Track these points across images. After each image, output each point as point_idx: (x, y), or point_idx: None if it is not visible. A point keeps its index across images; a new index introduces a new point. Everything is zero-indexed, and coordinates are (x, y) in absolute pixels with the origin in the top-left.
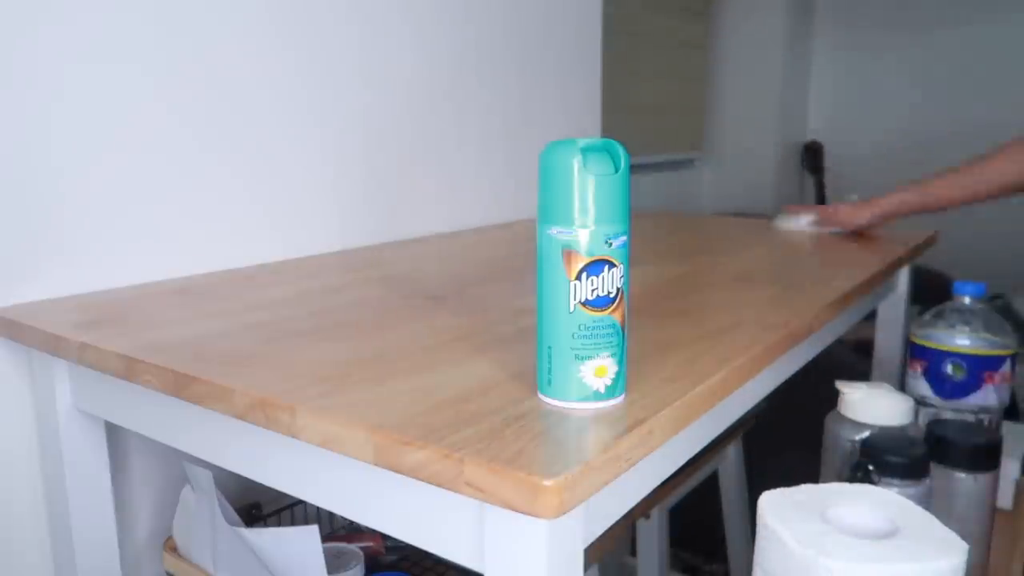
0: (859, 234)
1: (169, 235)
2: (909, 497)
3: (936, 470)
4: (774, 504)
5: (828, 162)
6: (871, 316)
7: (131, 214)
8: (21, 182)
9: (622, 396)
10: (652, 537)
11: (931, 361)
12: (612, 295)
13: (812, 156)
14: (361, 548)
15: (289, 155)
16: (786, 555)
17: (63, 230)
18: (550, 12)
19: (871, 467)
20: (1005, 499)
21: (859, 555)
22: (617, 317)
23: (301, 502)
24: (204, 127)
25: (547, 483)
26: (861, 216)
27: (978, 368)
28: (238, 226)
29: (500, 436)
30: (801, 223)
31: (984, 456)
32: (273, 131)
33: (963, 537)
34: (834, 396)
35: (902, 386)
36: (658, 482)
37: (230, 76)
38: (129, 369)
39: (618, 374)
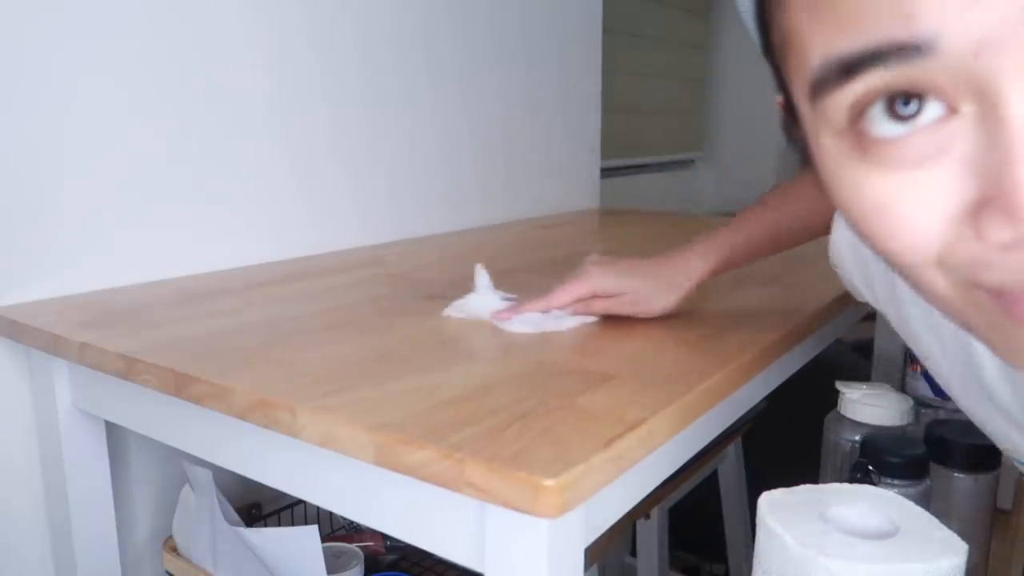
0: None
1: (169, 235)
2: (909, 497)
3: (936, 470)
4: (774, 504)
5: None
6: (871, 316)
7: (131, 214)
8: (21, 182)
9: None
10: (652, 537)
11: None
12: None
13: None
14: (361, 548)
15: (289, 155)
16: (786, 555)
17: (63, 230)
18: (550, 12)
19: (871, 467)
20: (1005, 499)
21: (859, 555)
22: None
23: (301, 502)
24: (204, 128)
25: (548, 483)
26: (663, 301)
27: None
28: (238, 226)
29: (500, 436)
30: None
31: (984, 456)
32: (273, 132)
33: (963, 537)
34: (834, 396)
35: (902, 386)
36: (658, 482)
37: (230, 77)
38: (129, 369)
39: None
